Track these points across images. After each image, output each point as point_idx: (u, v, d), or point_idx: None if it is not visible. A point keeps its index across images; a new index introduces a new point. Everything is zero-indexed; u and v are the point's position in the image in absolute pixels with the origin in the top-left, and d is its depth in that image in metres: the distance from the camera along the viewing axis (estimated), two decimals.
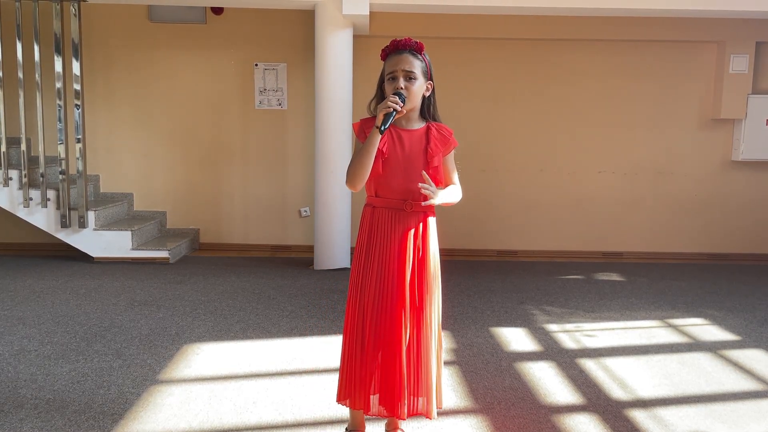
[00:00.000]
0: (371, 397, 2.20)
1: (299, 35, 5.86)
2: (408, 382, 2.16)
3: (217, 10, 5.79)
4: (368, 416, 2.40)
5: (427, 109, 2.24)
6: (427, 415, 2.21)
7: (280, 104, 5.96)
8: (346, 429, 2.42)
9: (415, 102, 2.17)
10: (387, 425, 2.40)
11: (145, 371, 3.03)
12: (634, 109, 6.00)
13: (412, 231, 2.19)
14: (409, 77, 2.13)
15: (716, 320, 4.08)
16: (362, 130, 2.18)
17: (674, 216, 6.13)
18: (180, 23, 5.85)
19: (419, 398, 2.19)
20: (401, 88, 2.11)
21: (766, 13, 4.93)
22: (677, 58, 5.94)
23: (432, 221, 2.26)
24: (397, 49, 2.17)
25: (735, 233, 6.14)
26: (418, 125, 2.22)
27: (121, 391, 2.80)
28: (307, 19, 5.75)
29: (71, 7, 5.12)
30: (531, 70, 5.94)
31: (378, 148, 2.12)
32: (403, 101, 2.09)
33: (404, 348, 2.15)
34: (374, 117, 2.15)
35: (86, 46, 5.70)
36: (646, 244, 6.14)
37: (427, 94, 2.22)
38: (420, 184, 2.11)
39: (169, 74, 5.92)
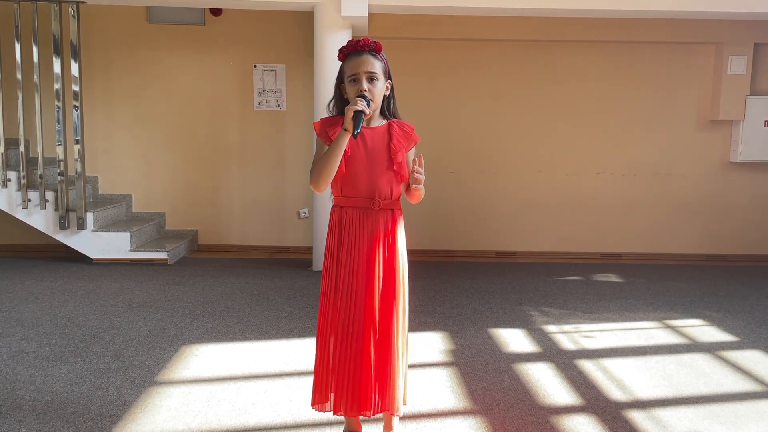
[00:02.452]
0: (348, 396, 2.19)
1: (298, 36, 5.86)
2: (376, 380, 2.16)
3: (216, 12, 5.80)
4: (365, 418, 2.40)
5: (387, 108, 2.25)
6: (392, 412, 2.21)
7: (278, 105, 5.96)
8: (344, 431, 2.43)
9: (378, 102, 2.18)
10: (384, 427, 2.40)
11: (143, 373, 3.03)
12: (633, 111, 6.01)
13: (381, 229, 2.20)
14: (372, 78, 2.14)
15: (714, 321, 4.09)
16: (323, 130, 2.18)
17: (672, 217, 6.13)
18: (179, 24, 5.85)
19: (385, 395, 2.18)
20: (365, 91, 2.11)
21: (764, 15, 4.93)
22: (676, 59, 5.95)
23: (399, 218, 2.26)
24: (356, 50, 2.16)
25: (733, 234, 6.15)
26: (379, 123, 2.23)
27: (120, 393, 2.80)
28: (305, 21, 5.75)
29: (70, 9, 5.12)
30: (529, 72, 5.94)
31: None
32: (368, 104, 2.09)
33: (372, 347, 2.15)
34: (334, 117, 2.17)
35: (85, 47, 5.70)
36: (645, 245, 6.15)
37: (387, 93, 2.22)
38: (415, 167, 2.15)
39: (168, 75, 5.92)
